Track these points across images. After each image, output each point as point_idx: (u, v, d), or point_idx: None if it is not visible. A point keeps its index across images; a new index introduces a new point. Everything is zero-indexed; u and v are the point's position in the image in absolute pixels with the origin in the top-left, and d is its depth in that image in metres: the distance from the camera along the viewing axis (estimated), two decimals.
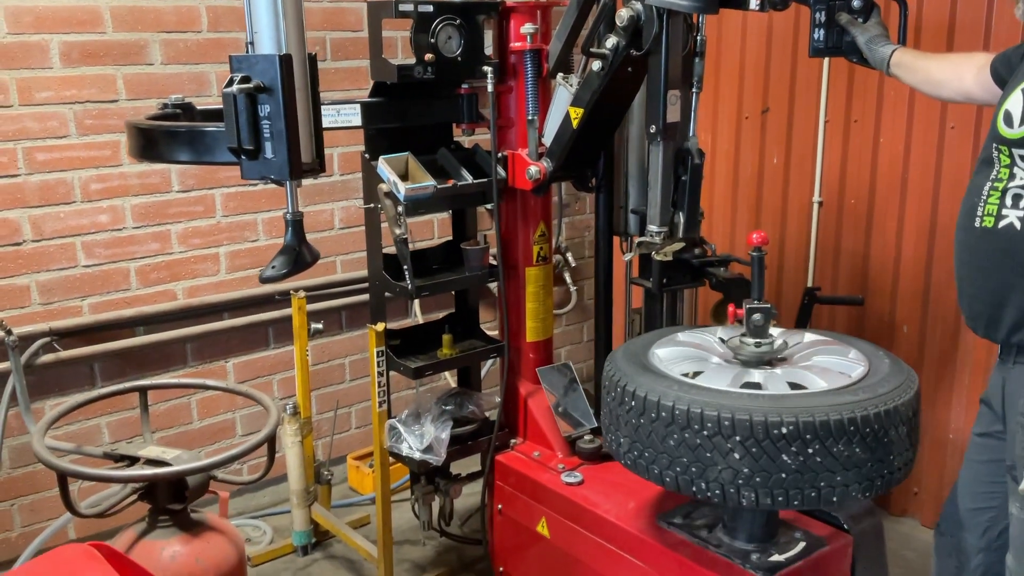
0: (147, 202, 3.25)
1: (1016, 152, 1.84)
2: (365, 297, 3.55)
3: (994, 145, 1.91)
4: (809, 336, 2.38)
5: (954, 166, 3.14)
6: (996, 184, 1.89)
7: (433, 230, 3.98)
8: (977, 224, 1.93)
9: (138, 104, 3.15)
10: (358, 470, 3.81)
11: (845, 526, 2.40)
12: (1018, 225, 1.84)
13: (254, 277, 3.50)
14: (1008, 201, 1.86)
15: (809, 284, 3.58)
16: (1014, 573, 1.92)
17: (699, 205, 2.53)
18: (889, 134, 3.31)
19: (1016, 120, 1.83)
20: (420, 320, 3.81)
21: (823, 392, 2.01)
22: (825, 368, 2.19)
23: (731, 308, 2.39)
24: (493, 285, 2.98)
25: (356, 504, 3.72)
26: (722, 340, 2.35)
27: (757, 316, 2.22)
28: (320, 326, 3.25)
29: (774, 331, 2.26)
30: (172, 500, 2.39)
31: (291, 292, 3.20)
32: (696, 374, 2.15)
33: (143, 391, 2.67)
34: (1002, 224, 1.87)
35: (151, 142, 2.08)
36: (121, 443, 3.02)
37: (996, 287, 1.90)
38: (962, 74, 2.20)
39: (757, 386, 2.08)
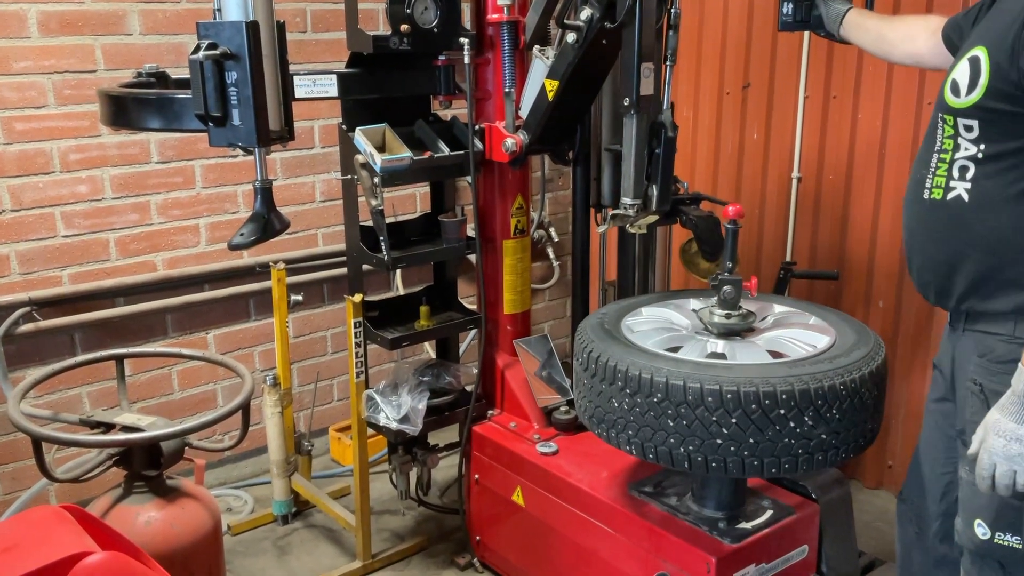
0: (126, 173, 3.25)
1: (961, 122, 1.85)
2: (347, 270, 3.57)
3: (940, 115, 1.91)
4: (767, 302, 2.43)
5: None
6: (943, 156, 1.90)
7: (415, 203, 3.99)
8: (926, 196, 1.94)
9: (116, 74, 3.14)
10: (339, 442, 3.84)
11: (813, 495, 2.44)
12: (965, 197, 1.86)
13: None
14: (955, 173, 1.87)
15: (787, 259, 3.61)
16: (962, 535, 1.96)
17: (672, 178, 2.54)
18: (867, 110, 3.32)
19: (963, 89, 1.83)
20: (401, 292, 3.83)
21: (794, 361, 2.04)
22: (794, 338, 2.23)
23: None
24: (473, 258, 2.99)
25: (337, 475, 3.76)
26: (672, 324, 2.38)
27: (729, 288, 2.25)
28: (300, 298, 3.25)
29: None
30: (147, 466, 2.41)
31: (271, 264, 3.21)
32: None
33: (119, 359, 2.69)
34: (950, 196, 1.88)
35: (122, 109, 2.09)
36: (98, 410, 3.03)
37: (946, 257, 1.92)
38: (914, 36, 2.21)
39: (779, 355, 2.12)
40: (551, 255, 4.50)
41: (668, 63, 2.49)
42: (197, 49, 1.77)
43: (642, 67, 2.32)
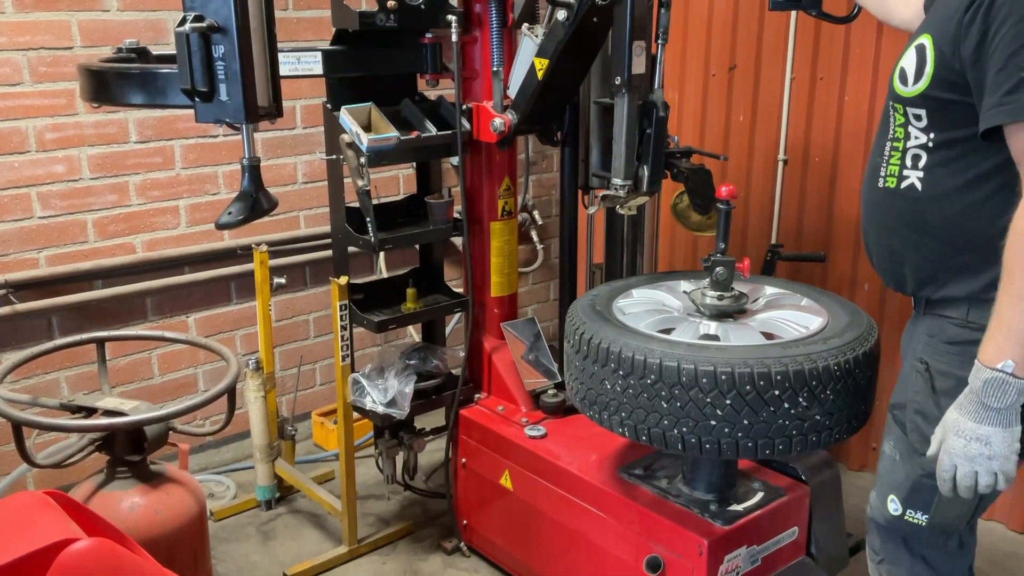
0: (104, 152, 3.18)
1: (910, 111, 1.84)
2: (330, 253, 3.51)
3: (891, 103, 1.91)
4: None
5: None
6: (896, 144, 1.90)
7: (399, 186, 3.94)
8: (880, 184, 1.93)
9: (93, 51, 3.07)
10: (322, 426, 3.80)
11: (803, 477, 2.44)
12: (919, 185, 1.85)
13: (216, 231, 3.45)
14: (908, 161, 1.87)
15: (773, 241, 3.60)
16: (874, 509, 1.98)
17: (663, 159, 2.52)
18: (854, 92, 3.32)
19: (910, 78, 1.81)
20: (385, 275, 3.79)
21: (788, 342, 2.03)
22: (787, 320, 2.22)
23: None
24: (458, 241, 2.95)
25: (321, 460, 3.72)
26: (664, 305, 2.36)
27: (721, 270, 2.24)
28: (283, 280, 3.21)
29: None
30: (130, 451, 2.36)
31: (253, 246, 3.16)
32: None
33: (100, 342, 2.64)
34: (904, 185, 1.88)
35: (103, 84, 2.03)
36: (79, 395, 2.98)
37: (898, 245, 1.92)
38: (909, 2, 2.19)
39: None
40: (535, 238, 4.47)
41: (659, 41, 2.46)
42: (183, 21, 1.72)
43: (634, 45, 2.29)
